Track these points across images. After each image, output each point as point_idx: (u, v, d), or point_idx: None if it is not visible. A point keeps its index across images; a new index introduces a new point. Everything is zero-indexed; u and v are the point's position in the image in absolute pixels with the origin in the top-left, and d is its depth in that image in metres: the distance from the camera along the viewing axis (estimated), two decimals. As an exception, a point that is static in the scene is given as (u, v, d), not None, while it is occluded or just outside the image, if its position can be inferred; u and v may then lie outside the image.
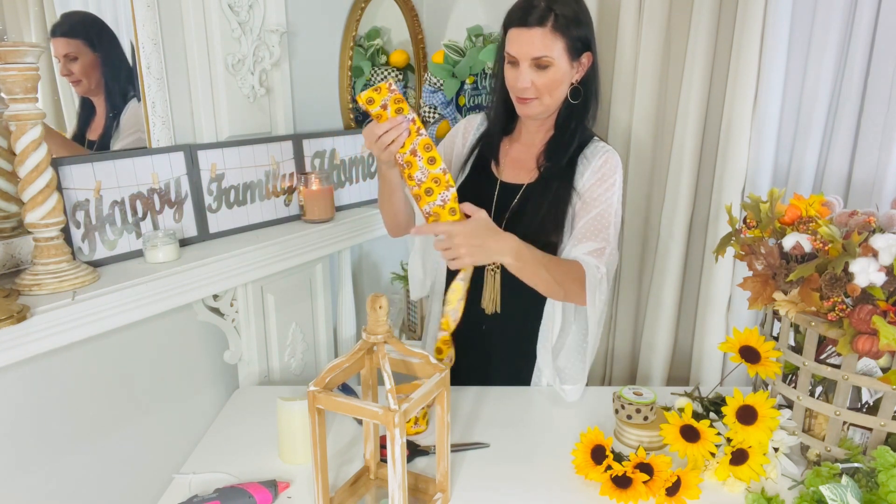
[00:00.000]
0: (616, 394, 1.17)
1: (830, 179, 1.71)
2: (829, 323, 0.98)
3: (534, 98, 1.24)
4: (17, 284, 1.07)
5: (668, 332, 1.99)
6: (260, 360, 1.54)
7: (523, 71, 1.22)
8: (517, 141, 1.37)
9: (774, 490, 1.03)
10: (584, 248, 1.24)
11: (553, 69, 1.21)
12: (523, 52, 1.21)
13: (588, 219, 1.26)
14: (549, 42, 1.19)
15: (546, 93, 1.24)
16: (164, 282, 1.21)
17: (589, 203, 1.27)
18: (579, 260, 1.22)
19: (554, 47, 1.20)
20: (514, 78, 1.24)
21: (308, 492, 1.07)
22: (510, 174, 1.35)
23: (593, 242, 1.24)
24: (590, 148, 1.31)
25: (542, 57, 1.20)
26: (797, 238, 1.03)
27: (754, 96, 1.73)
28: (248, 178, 1.50)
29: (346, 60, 1.87)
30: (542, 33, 1.19)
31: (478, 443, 1.19)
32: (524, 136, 1.36)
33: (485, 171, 1.36)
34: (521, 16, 1.20)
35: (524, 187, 1.32)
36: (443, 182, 1.11)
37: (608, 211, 1.26)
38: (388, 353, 0.96)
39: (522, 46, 1.20)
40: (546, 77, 1.22)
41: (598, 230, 1.25)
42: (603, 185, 1.27)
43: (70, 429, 1.21)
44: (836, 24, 1.62)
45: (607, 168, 1.28)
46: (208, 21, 1.41)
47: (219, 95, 1.45)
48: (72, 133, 1.26)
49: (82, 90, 1.26)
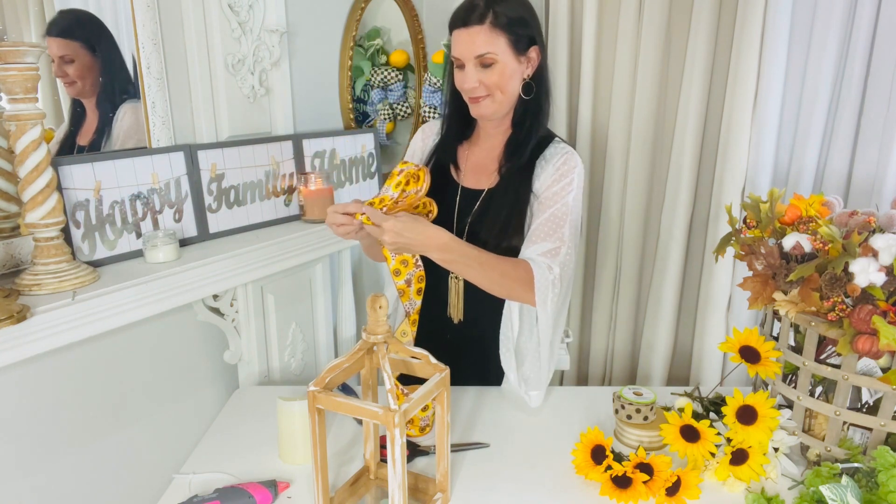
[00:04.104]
0: (616, 394, 1.17)
1: (830, 179, 1.71)
2: (829, 323, 0.98)
3: (485, 96, 1.24)
4: (17, 284, 1.07)
5: (668, 332, 2.00)
6: (260, 360, 1.54)
7: (469, 71, 1.22)
8: (476, 145, 1.37)
9: (774, 490, 1.03)
10: (538, 248, 1.21)
11: (499, 66, 1.21)
12: (467, 51, 1.21)
13: (543, 218, 1.23)
14: (489, 39, 1.19)
15: (496, 89, 1.23)
16: (164, 282, 1.21)
17: (544, 203, 1.25)
18: (530, 260, 1.19)
19: (496, 43, 1.20)
20: (461, 80, 1.24)
21: (308, 492, 1.07)
22: (471, 179, 1.34)
23: (547, 242, 1.21)
24: (549, 149, 1.30)
25: (486, 54, 1.20)
26: (797, 238, 1.03)
27: (754, 96, 1.73)
28: (248, 178, 1.50)
29: (346, 60, 1.87)
30: (481, 30, 1.19)
31: (478, 443, 1.19)
32: (483, 140, 1.36)
33: (445, 177, 1.35)
34: (462, 16, 1.21)
35: (485, 192, 1.31)
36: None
37: (563, 210, 1.23)
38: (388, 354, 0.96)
39: (465, 46, 1.21)
40: (493, 74, 1.22)
41: (552, 230, 1.22)
42: (558, 183, 1.25)
43: (70, 429, 1.21)
44: (836, 24, 1.62)
45: (565, 168, 1.26)
46: (208, 21, 1.41)
47: (219, 95, 1.45)
48: (63, 136, 1.25)
49: (74, 92, 1.25)
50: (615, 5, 1.91)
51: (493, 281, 1.17)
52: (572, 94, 2.04)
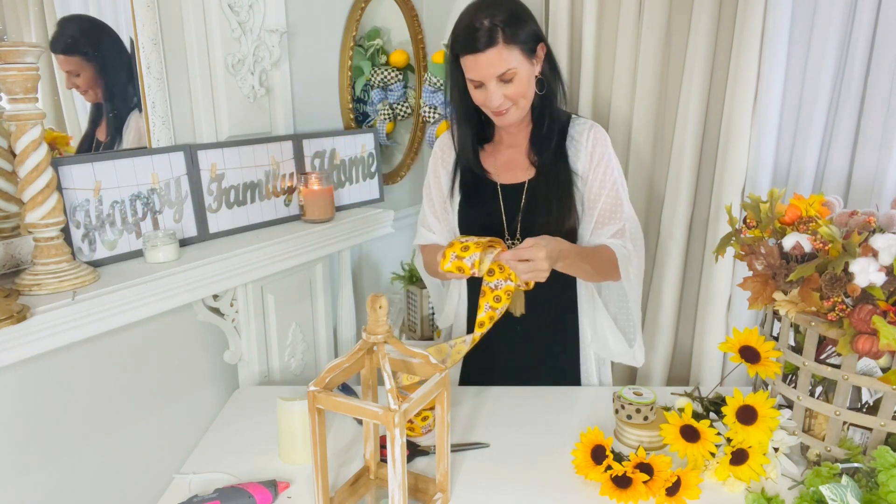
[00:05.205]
0: (616, 394, 1.17)
1: (830, 179, 1.71)
2: (829, 323, 0.98)
3: (510, 106, 1.25)
4: (17, 284, 1.07)
5: (668, 332, 2.00)
6: (260, 360, 1.54)
7: (492, 90, 1.22)
8: (500, 145, 1.39)
9: (774, 490, 1.03)
10: (607, 231, 1.33)
11: (518, 76, 1.22)
12: (486, 74, 1.21)
13: (600, 205, 1.33)
14: (506, 56, 1.20)
15: (520, 98, 1.25)
16: (164, 282, 1.21)
17: (595, 189, 1.32)
18: (607, 244, 1.32)
19: (512, 58, 1.20)
20: (485, 98, 1.25)
21: (308, 492, 1.07)
22: (507, 176, 1.36)
23: (613, 225, 1.33)
24: (573, 128, 1.35)
25: (506, 72, 1.21)
26: (797, 238, 1.03)
27: (754, 96, 1.73)
28: (248, 178, 1.50)
29: (346, 60, 1.87)
30: (497, 52, 1.19)
31: (478, 443, 1.19)
32: (506, 139, 1.38)
33: (479, 179, 1.37)
34: (471, 42, 1.20)
35: (526, 184, 1.33)
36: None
37: (615, 189, 1.33)
38: (388, 353, 0.96)
39: (483, 69, 1.21)
40: (515, 86, 1.23)
41: (612, 212, 1.33)
42: (600, 167, 1.32)
43: (70, 429, 1.21)
44: (837, 23, 1.62)
45: (598, 148, 1.32)
46: (208, 21, 1.41)
47: (219, 95, 1.45)
48: (83, 134, 1.27)
49: (91, 99, 1.27)
50: (615, 5, 1.91)
51: (596, 271, 1.28)
52: (572, 94, 2.04)
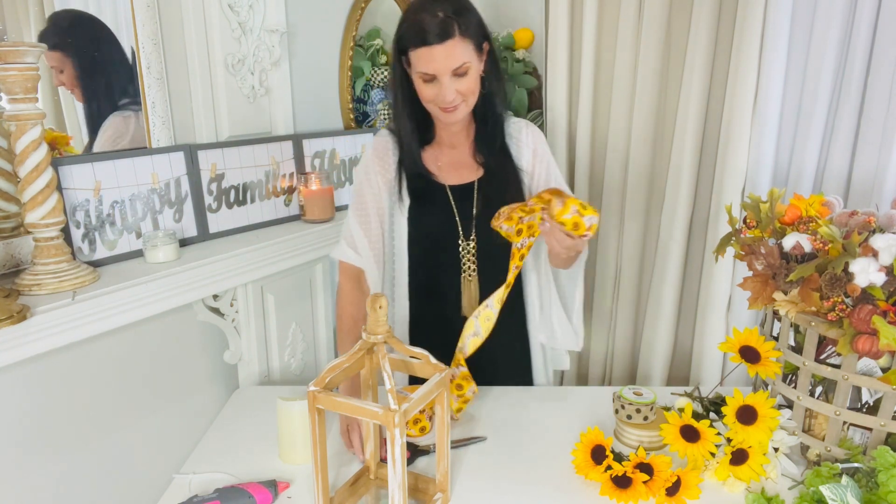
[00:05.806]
0: (616, 394, 1.17)
1: (830, 179, 1.71)
2: (829, 323, 0.98)
3: (461, 103, 1.24)
4: (17, 284, 1.07)
5: (668, 332, 2.00)
6: (260, 360, 1.54)
7: (446, 84, 1.20)
8: (443, 145, 1.36)
9: (774, 490, 1.03)
10: None
11: (471, 71, 1.21)
12: (442, 67, 1.18)
13: None
14: (462, 49, 1.18)
15: (470, 94, 1.23)
16: (164, 282, 1.21)
17: (542, 182, 1.36)
18: None
19: (467, 52, 1.19)
20: (435, 94, 1.22)
21: (308, 492, 1.07)
22: (454, 177, 1.34)
23: None
24: (510, 126, 1.37)
25: (462, 65, 1.19)
26: (797, 238, 1.03)
27: (754, 96, 1.73)
28: (248, 178, 1.50)
29: (346, 60, 1.87)
30: (453, 44, 1.17)
31: (475, 437, 1.19)
32: (447, 140, 1.35)
33: (428, 182, 1.34)
34: (425, 34, 1.17)
35: (476, 184, 1.33)
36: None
37: (559, 181, 1.37)
38: (388, 353, 0.96)
39: (439, 62, 1.18)
40: (467, 81, 1.21)
41: None
42: (543, 161, 1.37)
43: (70, 429, 1.21)
44: (837, 23, 1.62)
45: (539, 144, 1.37)
46: (208, 21, 1.41)
47: (218, 95, 1.45)
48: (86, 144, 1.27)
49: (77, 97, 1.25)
50: (615, 5, 1.91)
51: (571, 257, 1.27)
52: (572, 94, 2.05)
